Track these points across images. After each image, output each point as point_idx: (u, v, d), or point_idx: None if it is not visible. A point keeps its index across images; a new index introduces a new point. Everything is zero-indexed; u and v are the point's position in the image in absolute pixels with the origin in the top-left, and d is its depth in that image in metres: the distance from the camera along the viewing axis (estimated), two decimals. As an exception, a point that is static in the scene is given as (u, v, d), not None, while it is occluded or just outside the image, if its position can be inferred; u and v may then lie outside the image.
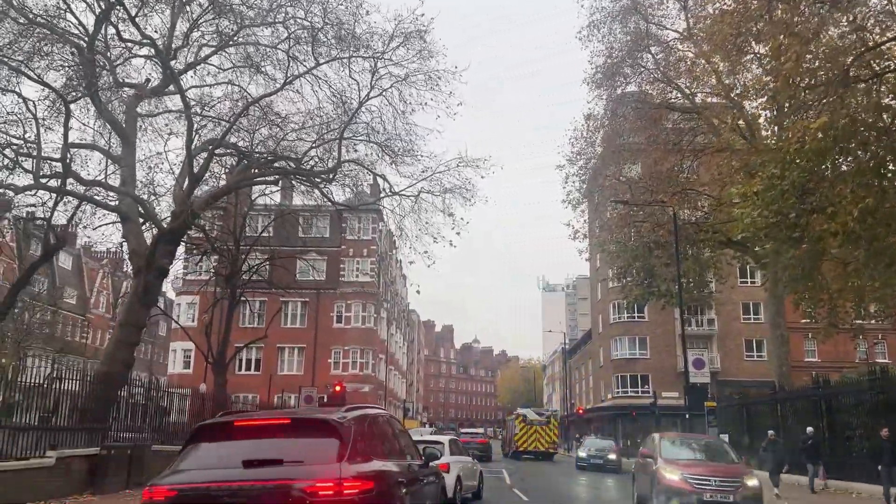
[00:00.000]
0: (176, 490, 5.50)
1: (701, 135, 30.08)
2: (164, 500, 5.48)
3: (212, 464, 5.82)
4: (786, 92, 16.25)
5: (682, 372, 51.26)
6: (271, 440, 5.96)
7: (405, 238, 22.27)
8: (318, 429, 6.09)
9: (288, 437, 5.99)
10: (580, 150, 32.55)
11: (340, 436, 5.84)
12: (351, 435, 5.93)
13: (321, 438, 5.87)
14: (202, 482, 5.57)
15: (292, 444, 5.87)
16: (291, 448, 5.81)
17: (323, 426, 6.05)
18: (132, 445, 14.99)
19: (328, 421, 6.05)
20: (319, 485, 5.34)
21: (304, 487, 5.32)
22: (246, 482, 5.41)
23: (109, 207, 19.62)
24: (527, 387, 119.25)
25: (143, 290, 18.81)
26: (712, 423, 21.16)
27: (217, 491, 5.45)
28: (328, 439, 5.80)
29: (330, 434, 5.87)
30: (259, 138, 22.13)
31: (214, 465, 5.80)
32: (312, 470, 5.54)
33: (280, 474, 5.47)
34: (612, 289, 53.84)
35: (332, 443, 5.75)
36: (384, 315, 55.15)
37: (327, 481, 5.36)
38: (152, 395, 19.43)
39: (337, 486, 5.35)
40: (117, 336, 18.86)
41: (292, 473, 5.49)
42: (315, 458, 5.69)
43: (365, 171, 23.44)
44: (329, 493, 5.32)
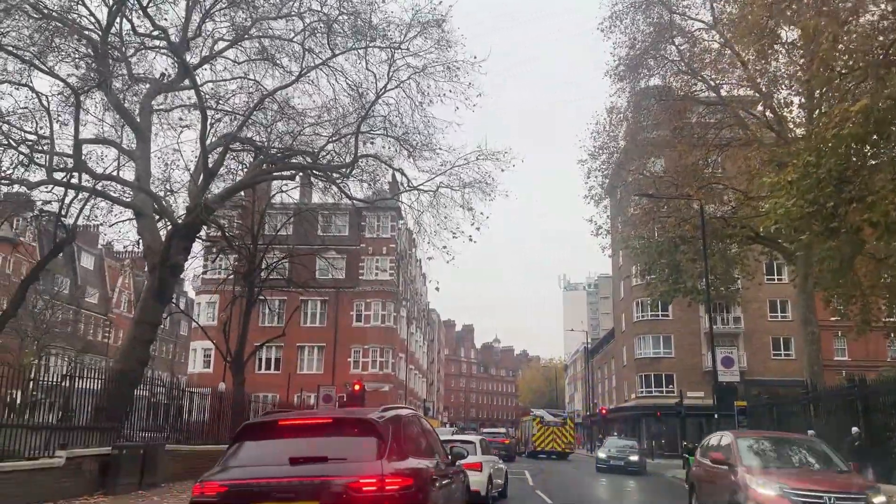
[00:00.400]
0: (227, 486, 5.72)
1: (727, 128, 29.32)
2: (214, 495, 5.69)
3: (259, 461, 6.04)
4: (820, 77, 15.53)
5: (707, 371, 50.50)
6: (314, 438, 6.17)
7: (423, 234, 21.79)
8: (358, 428, 6.32)
9: (330, 435, 6.19)
10: (602, 145, 31.80)
11: (380, 434, 6.06)
12: (389, 433, 6.15)
13: (362, 437, 6.10)
14: (251, 478, 5.80)
15: (335, 443, 6.06)
16: (334, 446, 6.00)
17: (363, 425, 6.29)
18: (145, 445, 14.65)
19: (368, 420, 6.29)
20: (363, 481, 5.55)
21: (349, 483, 5.54)
22: (294, 478, 5.63)
23: (123, 203, 19.35)
24: (548, 387, 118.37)
25: (158, 287, 18.51)
26: (743, 424, 20.41)
27: (266, 487, 5.66)
28: (368, 438, 6.04)
29: (370, 433, 6.10)
30: (275, 133, 21.79)
31: (262, 462, 6.01)
32: (356, 467, 5.73)
33: (325, 471, 5.69)
34: (636, 286, 53.00)
35: (373, 441, 5.98)
36: (404, 314, 54.76)
37: (370, 477, 5.58)
38: (174, 395, 19.36)
39: (380, 482, 5.56)
40: (132, 333, 18.58)
41: (337, 470, 5.70)
42: (357, 455, 5.90)
43: (383, 167, 23.01)
44: (372, 488, 5.53)
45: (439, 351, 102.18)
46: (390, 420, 6.46)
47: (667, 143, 29.00)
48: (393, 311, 48.61)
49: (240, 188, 21.07)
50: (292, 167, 21.31)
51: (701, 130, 28.83)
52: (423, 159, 22.49)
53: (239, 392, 26.29)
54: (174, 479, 16.41)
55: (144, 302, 18.95)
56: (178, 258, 19.07)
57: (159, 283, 18.44)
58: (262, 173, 20.99)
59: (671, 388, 50.61)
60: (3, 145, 18.46)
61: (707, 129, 28.80)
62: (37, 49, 17.91)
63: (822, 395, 22.86)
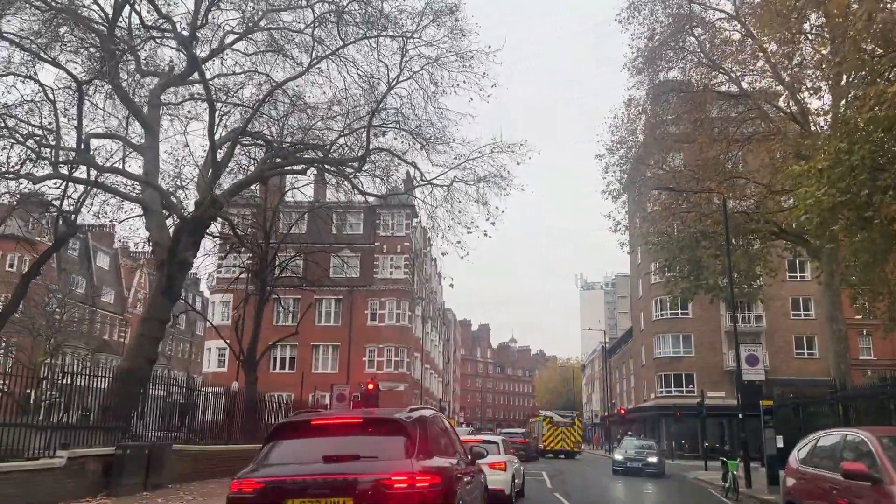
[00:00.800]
0: (263, 482, 5.88)
1: (748, 121, 28.56)
2: (251, 491, 5.85)
3: (294, 458, 6.22)
4: (852, 60, 14.80)
5: (728, 370, 49.57)
6: (346, 437, 6.30)
7: (437, 229, 21.31)
8: (388, 427, 6.45)
9: (361, 434, 6.35)
10: (620, 139, 31.09)
11: (408, 434, 6.24)
12: (417, 433, 6.32)
13: (391, 436, 6.26)
14: (287, 475, 5.95)
15: (366, 441, 6.22)
16: (365, 444, 6.16)
17: (392, 425, 6.44)
18: (150, 445, 14.23)
19: (397, 420, 6.45)
20: (395, 478, 5.71)
21: (382, 480, 5.70)
22: (328, 475, 5.80)
23: (131, 198, 19.02)
24: (565, 387, 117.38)
25: (166, 284, 18.15)
26: (769, 424, 19.65)
27: (302, 483, 5.81)
28: (398, 437, 6.20)
29: (399, 432, 6.27)
30: (286, 128, 21.40)
31: (296, 459, 6.19)
32: (387, 465, 5.89)
33: (358, 468, 5.85)
34: (655, 284, 52.09)
35: (402, 440, 6.16)
36: (419, 313, 54.26)
37: (402, 475, 5.75)
38: (189, 394, 19.24)
39: (410, 479, 5.73)
40: (140, 331, 18.23)
41: (369, 468, 5.86)
42: (387, 453, 6.05)
43: (396, 162, 22.53)
44: (403, 485, 5.69)
45: (455, 350, 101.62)
46: (417, 420, 6.60)
47: (687, 137, 28.26)
48: (408, 309, 48.13)
49: (249, 182, 20.66)
50: (303, 161, 20.89)
51: (721, 124, 28.09)
52: (436, 153, 22.03)
53: (251, 391, 25.94)
54: (181, 479, 15.99)
55: (153, 298, 18.61)
56: (186, 254, 18.70)
57: (167, 279, 18.08)
58: (273, 167, 20.57)
59: (691, 387, 49.68)
60: (11, 140, 18.18)
61: (728, 123, 28.04)
62: (43, 41, 17.62)
63: (851, 394, 22.01)
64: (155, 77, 20.67)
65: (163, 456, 14.56)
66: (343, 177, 22.06)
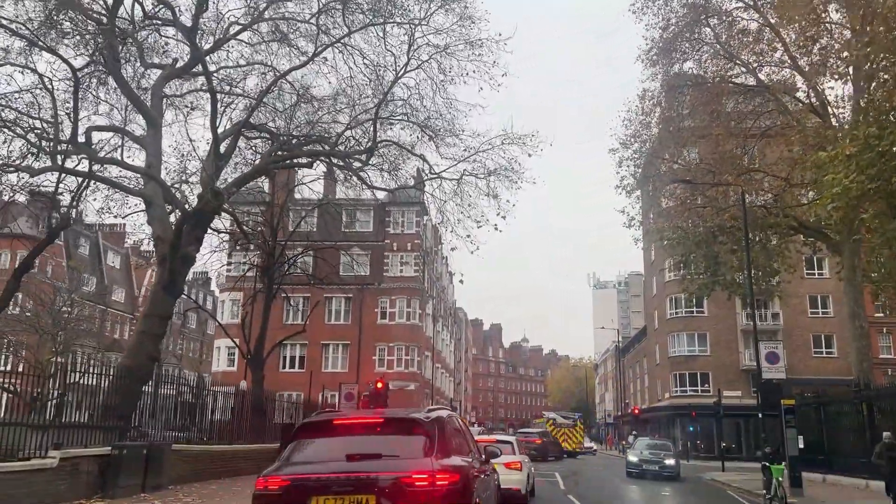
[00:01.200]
0: (288, 480, 6.01)
1: (765, 114, 27.87)
2: (277, 489, 5.97)
3: (317, 457, 6.39)
4: (881, 42, 14.11)
5: (745, 369, 48.66)
6: (367, 436, 6.46)
7: (447, 223, 20.75)
8: (408, 427, 6.60)
9: (382, 433, 6.50)
10: (634, 133, 30.48)
11: (427, 433, 6.40)
12: (436, 432, 6.46)
13: (411, 436, 6.41)
14: (312, 473, 6.11)
15: (387, 440, 6.37)
16: (386, 444, 6.30)
17: (412, 424, 6.60)
18: (148, 445, 13.74)
19: (417, 420, 6.62)
20: (416, 476, 5.86)
21: (403, 478, 5.85)
22: (351, 473, 5.94)
23: (132, 191, 18.56)
24: (578, 386, 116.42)
25: (168, 279, 17.67)
26: (790, 424, 18.91)
27: (326, 481, 5.93)
28: (417, 436, 6.36)
29: (419, 432, 6.44)
30: (293, 121, 20.89)
31: (320, 458, 6.35)
32: (408, 463, 6.05)
33: (380, 467, 5.99)
34: (669, 282, 51.28)
35: (421, 439, 6.32)
36: (430, 311, 53.70)
37: (422, 473, 5.90)
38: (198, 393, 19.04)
39: (431, 477, 5.87)
40: (141, 327, 17.77)
41: (391, 466, 6.02)
42: (408, 452, 6.20)
43: (404, 155, 21.96)
44: (424, 483, 5.83)
45: (467, 350, 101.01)
46: (435, 420, 6.72)
47: (703, 129, 27.54)
48: (418, 308, 47.57)
49: (254, 175, 20.18)
50: (308, 154, 20.35)
51: (738, 118, 27.44)
52: (446, 146, 21.47)
53: (258, 390, 25.47)
54: (182, 480, 15.52)
55: (154, 294, 18.15)
56: (189, 249, 18.24)
57: (169, 274, 17.61)
58: (277, 160, 20.06)
59: (706, 386, 48.83)
60: (11, 134, 17.79)
61: (744, 117, 27.39)
62: (42, 30, 17.20)
63: (876, 393, 21.26)
64: (158, 69, 20.24)
65: (162, 456, 14.08)
66: (350, 171, 21.53)
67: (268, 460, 21.43)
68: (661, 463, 26.35)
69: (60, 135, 17.57)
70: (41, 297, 32.30)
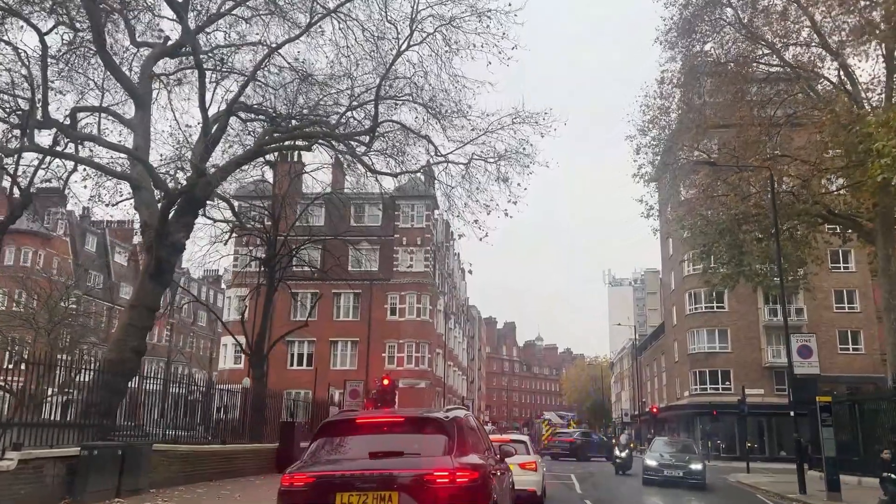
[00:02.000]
0: (314, 477, 6.16)
1: (790, 97, 26.42)
2: (303, 485, 6.10)
3: (341, 455, 6.59)
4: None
5: (767, 367, 46.96)
6: (389, 435, 6.62)
7: (454, 209, 19.55)
8: (428, 425, 6.78)
9: (403, 432, 6.67)
10: (653, 119, 29.08)
11: (447, 432, 6.57)
12: (455, 431, 6.62)
13: (431, 434, 6.57)
14: (337, 470, 6.30)
15: (408, 439, 6.52)
16: (408, 442, 6.45)
17: (433, 423, 6.78)
18: (124, 445, 12.54)
19: (437, 419, 6.81)
20: (437, 473, 6.01)
21: (425, 475, 6.00)
22: (374, 470, 6.06)
23: (116, 174, 17.44)
24: (593, 385, 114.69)
25: (155, 268, 16.53)
26: (826, 423, 17.42)
27: (350, 477, 6.08)
28: (438, 435, 6.52)
29: (439, 430, 6.60)
30: (290, 101, 19.70)
31: (343, 455, 6.56)
32: (429, 461, 6.20)
33: (403, 464, 6.14)
34: (689, 276, 49.64)
35: (442, 438, 6.47)
36: (441, 308, 52.42)
37: (443, 470, 6.04)
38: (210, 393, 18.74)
39: (451, 474, 6.02)
40: (126, 319, 16.60)
41: (413, 463, 6.17)
42: (429, 450, 6.36)
43: (410, 139, 20.72)
44: (445, 480, 5.97)
45: (480, 348, 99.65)
46: (454, 419, 6.89)
47: (727, 109, 26.03)
48: (429, 303, 46.27)
49: (247, 158, 18.98)
50: (306, 135, 19.14)
51: (761, 104, 26.06)
52: (453, 128, 20.21)
53: (259, 387, 24.32)
54: (169, 483, 14.36)
55: (141, 284, 16.99)
56: (178, 236, 17.09)
57: (156, 262, 16.46)
58: (272, 141, 18.86)
59: (728, 384, 47.21)
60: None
61: (767, 104, 26.01)
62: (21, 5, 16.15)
63: (918, 390, 19.74)
64: (150, 48, 19.14)
65: (140, 457, 12.89)
66: (353, 156, 20.30)
67: (268, 460, 20.31)
68: (686, 468, 21.50)
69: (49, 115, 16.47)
70: (37, 291, 31.31)
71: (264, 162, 25.84)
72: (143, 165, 15.92)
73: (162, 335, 68.70)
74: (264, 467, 19.78)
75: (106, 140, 17.10)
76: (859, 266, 47.51)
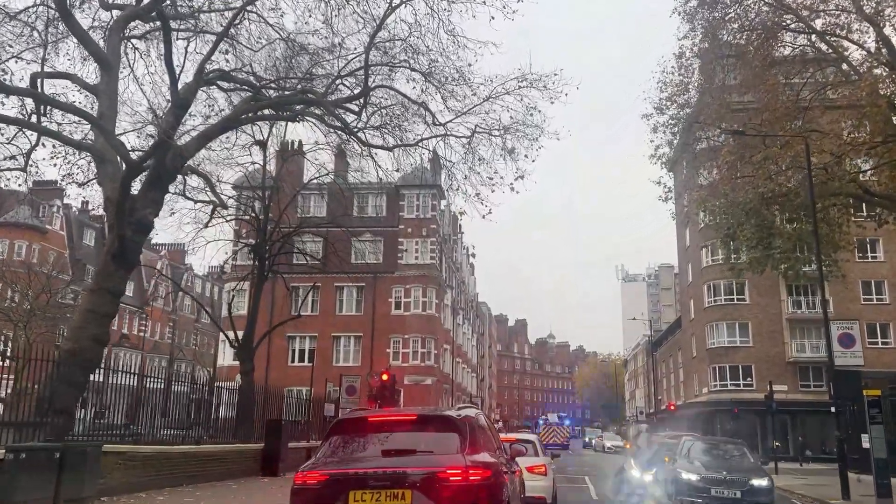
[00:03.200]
0: (327, 475, 6.17)
1: (819, 70, 24.49)
2: (316, 483, 6.11)
3: (353, 453, 6.60)
4: None
5: (791, 361, 44.71)
6: (402, 433, 6.59)
7: (454, 182, 17.75)
8: (440, 424, 6.79)
9: (415, 430, 6.68)
10: (671, 96, 27.19)
11: (459, 430, 6.53)
12: (467, 429, 6.58)
13: (443, 432, 6.54)
14: (350, 468, 6.27)
15: (420, 437, 6.54)
16: (420, 440, 6.48)
17: (445, 421, 6.79)
18: (63, 446, 10.74)
19: (449, 417, 6.82)
20: (450, 471, 5.99)
21: (438, 473, 5.99)
22: (387, 468, 6.06)
23: (73, 143, 15.66)
24: (607, 383, 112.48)
25: (119, 248, 14.75)
26: (876, 420, 15.42)
27: (363, 475, 6.06)
28: (450, 433, 6.49)
29: (451, 428, 6.56)
30: (268, 65, 17.92)
31: (356, 453, 6.59)
32: (442, 459, 6.17)
33: (415, 462, 6.15)
34: (707, 267, 47.50)
35: (454, 436, 6.44)
36: (448, 302, 50.53)
37: (456, 468, 6.01)
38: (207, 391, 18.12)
39: (464, 472, 5.99)
40: (86, 305, 14.83)
41: (425, 462, 6.17)
42: (441, 448, 6.33)
43: (406, 110, 18.90)
44: (458, 478, 5.95)
45: (491, 346, 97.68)
46: (466, 417, 6.85)
47: (751, 82, 23.97)
48: (435, 297, 44.37)
49: (224, 128, 17.12)
50: (286, 101, 17.32)
51: (788, 84, 24.13)
52: (454, 98, 18.33)
53: (246, 383, 22.59)
54: (125, 490, 12.62)
55: (102, 265, 15.23)
56: (145, 212, 15.30)
57: (119, 240, 14.68)
58: (251, 109, 17.04)
59: (749, 380, 45.00)
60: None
61: (793, 85, 24.11)
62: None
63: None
64: (120, 10, 17.40)
65: (85, 460, 11.07)
66: (346, 129, 18.45)
67: (254, 462, 18.49)
68: (746, 485, 14.10)
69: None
70: (15, 283, 29.75)
71: (254, 142, 24.19)
72: (99, 129, 14.18)
73: (164, 333, 67.35)
74: (249, 469, 18.03)
75: (61, 101, 15.35)
76: (888, 255, 45.25)
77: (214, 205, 20.19)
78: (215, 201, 19.92)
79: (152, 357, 61.09)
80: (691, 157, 29.29)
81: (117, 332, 59.42)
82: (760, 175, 22.65)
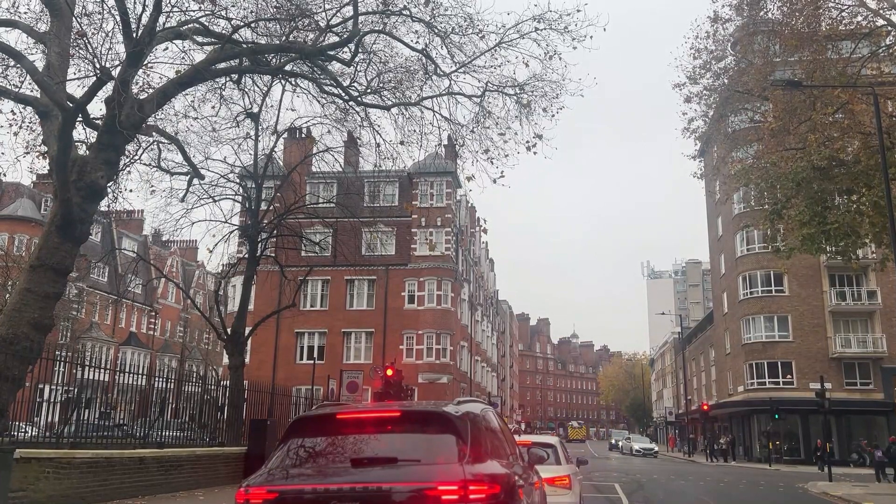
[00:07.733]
0: (276, 492, 4.73)
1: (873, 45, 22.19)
2: (261, 502, 4.71)
3: (315, 462, 5.10)
4: None
5: (834, 357, 41.55)
6: (381, 436, 5.14)
7: (460, 139, 15.37)
8: (432, 423, 5.22)
9: (399, 432, 5.17)
10: (705, 63, 24.79)
11: (458, 431, 5.00)
12: (468, 430, 5.06)
13: (437, 434, 5.03)
14: (306, 484, 4.81)
15: (405, 441, 5.05)
16: (405, 445, 5.01)
17: (438, 420, 5.19)
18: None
19: (444, 414, 5.19)
20: (442, 488, 4.52)
21: (426, 490, 4.53)
22: (357, 483, 4.62)
23: (10, 94, 13.40)
24: (632, 384, 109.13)
25: (63, 217, 12.47)
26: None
27: (324, 493, 4.63)
28: (445, 435, 4.98)
29: (447, 429, 5.03)
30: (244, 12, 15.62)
31: (317, 463, 5.07)
32: (432, 470, 4.73)
33: (395, 475, 4.71)
34: (743, 257, 44.49)
35: (450, 439, 4.94)
36: (465, 296, 48.01)
37: (451, 483, 4.55)
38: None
39: (462, 489, 4.52)
40: (25, 285, 12.52)
41: (409, 474, 4.72)
42: (433, 456, 4.89)
43: (410, 75, 16.56)
44: (453, 497, 4.50)
45: (512, 345, 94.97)
46: (469, 414, 5.33)
47: (803, 38, 21.25)
48: (451, 291, 41.88)
49: (190, 81, 14.75)
50: (264, 49, 14.98)
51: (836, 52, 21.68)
52: (462, 52, 15.98)
53: (235, 378, 20.33)
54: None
55: (45, 239, 12.91)
56: (96, 175, 12.99)
57: (64, 208, 12.41)
58: (222, 59, 14.70)
59: (789, 377, 41.95)
60: None
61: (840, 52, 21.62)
62: None
63: None
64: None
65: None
66: (335, 83, 16.09)
67: (229, 467, 16.08)
68: None
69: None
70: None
71: (245, 114, 21.94)
72: (26, 69, 11.90)
73: (175, 331, 65.66)
74: (229, 476, 15.72)
75: None
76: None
77: (190, 175, 17.90)
78: (190, 171, 17.64)
79: (161, 356, 59.44)
80: (729, 132, 26.92)
81: (125, 329, 57.89)
82: (813, 140, 19.92)
